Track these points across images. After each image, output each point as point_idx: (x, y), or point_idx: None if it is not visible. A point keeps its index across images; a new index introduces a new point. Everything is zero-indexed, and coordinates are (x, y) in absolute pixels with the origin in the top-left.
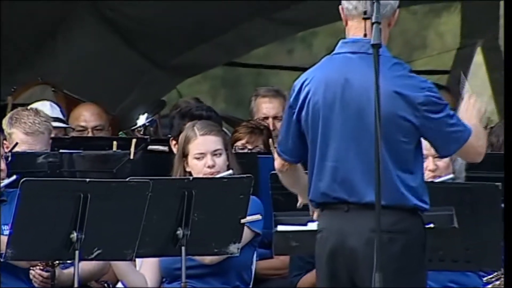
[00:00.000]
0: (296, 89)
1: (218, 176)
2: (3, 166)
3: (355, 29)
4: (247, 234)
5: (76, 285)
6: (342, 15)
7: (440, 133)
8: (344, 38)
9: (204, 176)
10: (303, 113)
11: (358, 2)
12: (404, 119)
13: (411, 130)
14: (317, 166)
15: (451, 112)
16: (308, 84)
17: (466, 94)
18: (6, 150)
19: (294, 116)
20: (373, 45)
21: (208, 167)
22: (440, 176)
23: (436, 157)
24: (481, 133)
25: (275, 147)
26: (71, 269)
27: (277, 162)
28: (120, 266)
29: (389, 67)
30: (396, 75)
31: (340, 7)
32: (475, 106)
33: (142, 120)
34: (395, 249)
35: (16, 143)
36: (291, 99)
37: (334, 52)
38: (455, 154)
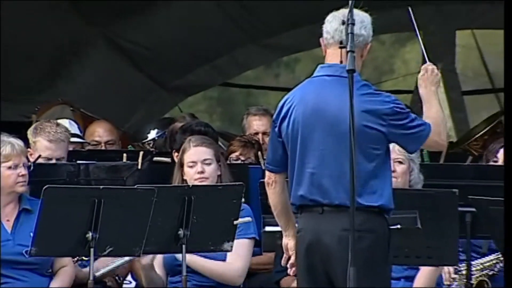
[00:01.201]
0: (279, 107)
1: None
2: (24, 171)
3: (331, 56)
4: (249, 246)
5: (91, 278)
6: (322, 45)
7: (405, 136)
8: (322, 63)
9: (202, 184)
10: (284, 127)
11: (335, 32)
12: (372, 129)
13: (379, 138)
14: (296, 173)
15: (413, 117)
16: (289, 102)
17: (426, 64)
18: (31, 158)
19: (276, 129)
20: (347, 70)
21: (198, 173)
22: (396, 178)
23: (396, 161)
24: (441, 126)
25: (264, 159)
26: (88, 268)
27: (266, 176)
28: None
29: (358, 87)
30: (364, 94)
31: (321, 39)
32: (433, 72)
33: (152, 134)
34: (363, 245)
35: (39, 156)
36: (274, 116)
37: (313, 75)
38: (423, 146)
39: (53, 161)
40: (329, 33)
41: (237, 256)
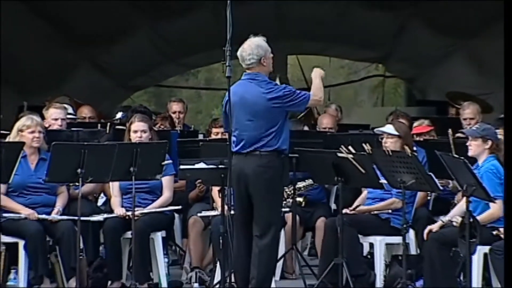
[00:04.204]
0: (226, 96)
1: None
2: (37, 135)
3: (247, 70)
4: (172, 179)
5: (80, 196)
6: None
7: (296, 104)
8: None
9: (144, 142)
10: (228, 107)
11: (242, 61)
12: (276, 108)
13: (281, 111)
14: (233, 134)
15: (298, 92)
16: (229, 94)
17: (318, 70)
18: (46, 125)
19: (223, 108)
20: (255, 73)
21: (138, 137)
22: None
23: None
24: (318, 89)
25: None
26: (78, 190)
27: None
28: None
29: (266, 84)
30: (269, 88)
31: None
32: (318, 71)
33: (119, 115)
34: (268, 175)
35: (49, 126)
36: (224, 102)
37: (241, 79)
38: (309, 105)
39: (59, 123)
40: (244, 62)
41: (167, 188)
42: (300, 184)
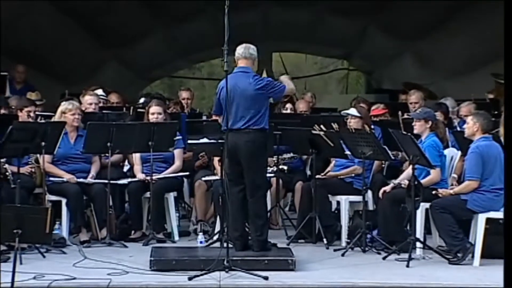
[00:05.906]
0: (220, 85)
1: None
2: (77, 116)
3: (240, 64)
4: (181, 152)
5: (109, 164)
6: (235, 58)
7: (274, 92)
8: (235, 66)
9: (159, 122)
10: (222, 94)
11: (240, 55)
12: (260, 94)
13: (265, 97)
14: (226, 116)
15: (276, 83)
16: (223, 83)
17: (284, 75)
18: (83, 109)
19: (217, 95)
20: (245, 67)
21: (154, 118)
22: None
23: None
24: (288, 87)
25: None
26: (108, 160)
27: (214, 116)
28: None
29: (252, 76)
30: (256, 80)
31: (235, 56)
32: (286, 78)
33: (142, 99)
34: (254, 147)
35: (85, 109)
36: (217, 90)
37: (233, 71)
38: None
39: (93, 106)
40: (240, 54)
41: (178, 158)
42: (286, 156)
